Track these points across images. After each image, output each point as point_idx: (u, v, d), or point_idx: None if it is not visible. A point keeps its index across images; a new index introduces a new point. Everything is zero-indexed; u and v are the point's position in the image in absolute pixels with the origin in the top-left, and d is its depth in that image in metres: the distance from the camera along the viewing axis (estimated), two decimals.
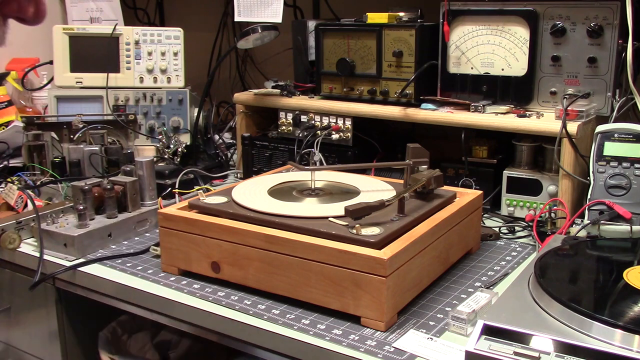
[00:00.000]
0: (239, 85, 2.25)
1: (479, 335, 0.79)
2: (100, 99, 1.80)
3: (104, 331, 1.43)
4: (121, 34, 1.83)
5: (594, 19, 1.32)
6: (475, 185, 1.43)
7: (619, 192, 1.19)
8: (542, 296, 0.85)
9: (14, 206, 1.37)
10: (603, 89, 1.35)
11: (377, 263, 0.91)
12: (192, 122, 1.83)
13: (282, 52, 2.02)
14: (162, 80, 1.84)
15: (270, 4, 1.69)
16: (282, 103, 1.64)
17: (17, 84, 2.04)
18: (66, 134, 1.65)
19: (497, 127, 1.36)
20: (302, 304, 1.00)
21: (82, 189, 1.28)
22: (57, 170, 1.52)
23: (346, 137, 1.55)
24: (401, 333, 0.93)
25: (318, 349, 0.90)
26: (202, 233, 1.08)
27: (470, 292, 1.05)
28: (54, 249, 1.24)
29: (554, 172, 1.35)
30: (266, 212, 1.07)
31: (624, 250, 1.07)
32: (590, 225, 1.14)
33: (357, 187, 1.22)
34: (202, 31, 2.21)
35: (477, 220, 1.24)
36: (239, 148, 1.75)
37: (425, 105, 1.47)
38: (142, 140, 1.77)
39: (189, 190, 1.46)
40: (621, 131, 1.23)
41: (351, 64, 1.55)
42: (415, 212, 1.08)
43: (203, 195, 1.16)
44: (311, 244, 0.96)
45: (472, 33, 1.45)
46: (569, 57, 1.37)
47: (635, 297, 0.84)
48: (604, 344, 0.74)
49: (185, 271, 1.13)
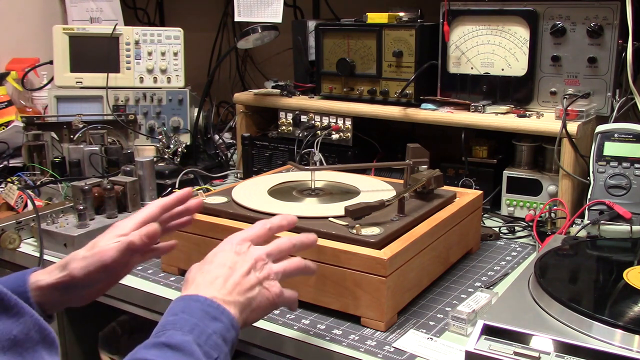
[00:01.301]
0: (239, 85, 2.25)
1: (479, 335, 0.79)
2: (100, 99, 1.79)
3: (104, 331, 1.43)
4: (121, 34, 1.83)
5: (594, 19, 1.32)
6: (475, 185, 1.43)
7: (619, 192, 1.19)
8: (542, 296, 0.85)
9: (14, 206, 1.37)
10: (603, 89, 1.35)
11: (377, 263, 0.91)
12: (192, 122, 1.83)
13: (282, 52, 2.02)
14: (162, 80, 1.84)
15: (270, 4, 1.69)
16: (282, 103, 1.64)
17: (17, 84, 2.04)
18: (66, 134, 1.65)
19: (497, 127, 1.36)
20: (302, 304, 0.99)
21: (82, 189, 1.28)
22: (57, 170, 1.52)
23: (346, 137, 1.55)
24: (401, 333, 0.93)
25: (318, 349, 0.90)
26: (202, 233, 1.08)
27: (470, 292, 1.05)
28: (54, 249, 1.24)
29: (554, 172, 1.35)
30: (266, 212, 1.07)
31: (624, 250, 1.07)
32: (590, 225, 1.14)
33: (357, 187, 1.22)
34: (202, 31, 2.21)
35: (477, 220, 1.24)
36: (239, 148, 1.75)
37: (425, 105, 1.47)
38: (142, 140, 1.77)
39: None
40: (621, 131, 1.23)
41: (351, 64, 1.54)
42: (415, 212, 1.08)
43: (203, 195, 1.16)
44: None
45: (472, 33, 1.45)
46: (569, 57, 1.37)
47: (635, 297, 0.84)
48: (604, 344, 0.74)
49: (185, 271, 1.12)
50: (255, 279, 0.78)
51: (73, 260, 0.83)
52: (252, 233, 0.84)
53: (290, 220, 0.89)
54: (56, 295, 0.83)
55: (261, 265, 0.80)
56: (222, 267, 0.78)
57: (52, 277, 0.83)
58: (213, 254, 0.82)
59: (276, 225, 0.87)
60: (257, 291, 0.78)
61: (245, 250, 0.81)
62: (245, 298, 0.76)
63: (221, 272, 0.78)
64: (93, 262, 0.82)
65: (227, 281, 0.77)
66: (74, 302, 0.87)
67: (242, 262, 0.79)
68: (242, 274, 0.78)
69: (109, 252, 0.82)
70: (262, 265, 0.80)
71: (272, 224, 0.86)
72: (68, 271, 0.82)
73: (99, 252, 0.83)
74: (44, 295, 0.83)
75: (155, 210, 0.90)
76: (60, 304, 0.86)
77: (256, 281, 0.78)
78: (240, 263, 0.79)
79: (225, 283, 0.76)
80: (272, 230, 0.86)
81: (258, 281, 0.79)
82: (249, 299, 0.77)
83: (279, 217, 0.88)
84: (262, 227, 0.85)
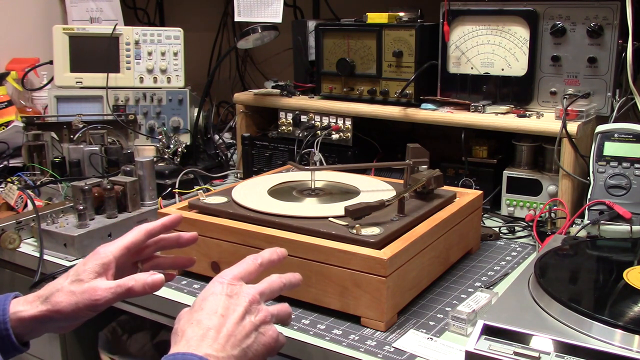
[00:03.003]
0: (239, 85, 2.25)
1: (479, 335, 0.79)
2: (100, 99, 1.79)
3: (104, 331, 1.43)
4: (121, 34, 1.83)
5: (594, 19, 1.32)
6: (475, 185, 1.43)
7: (619, 192, 1.19)
8: (542, 296, 0.85)
9: (14, 206, 1.37)
10: (603, 89, 1.35)
11: (377, 263, 0.91)
12: (192, 122, 1.83)
13: (282, 52, 2.02)
14: (162, 80, 1.84)
15: (270, 4, 1.69)
16: (282, 103, 1.64)
17: (17, 84, 2.04)
18: (66, 134, 1.65)
19: (497, 127, 1.36)
20: (302, 304, 1.00)
21: (82, 189, 1.28)
22: (57, 170, 1.52)
23: (346, 137, 1.55)
24: (401, 333, 0.93)
25: (318, 349, 0.90)
26: (202, 233, 1.08)
27: (470, 292, 1.05)
28: (54, 249, 1.24)
29: (554, 172, 1.35)
30: (266, 212, 1.07)
31: (624, 250, 1.07)
32: (590, 225, 1.14)
33: (357, 187, 1.22)
34: (202, 31, 2.21)
35: (477, 220, 1.24)
36: (239, 148, 1.75)
37: (425, 105, 1.47)
38: (142, 140, 1.77)
39: (189, 190, 1.46)
40: (621, 131, 1.23)
41: (351, 64, 1.54)
42: (415, 212, 1.08)
43: (203, 195, 1.16)
44: (311, 244, 0.97)
45: (472, 33, 1.45)
46: (569, 57, 1.37)
47: (635, 297, 0.84)
48: (604, 344, 0.74)
49: (185, 271, 1.13)
50: (250, 325, 0.74)
51: (58, 293, 0.80)
52: (242, 270, 0.79)
53: (280, 253, 0.85)
54: (36, 325, 0.81)
55: (256, 308, 0.75)
56: (213, 315, 0.73)
57: (34, 308, 0.80)
58: (202, 298, 0.76)
59: (267, 260, 0.82)
60: (252, 338, 0.74)
61: (237, 292, 0.76)
62: (240, 350, 0.72)
63: (212, 322, 0.72)
64: (83, 300, 0.79)
65: (219, 333, 0.72)
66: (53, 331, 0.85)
67: (234, 305, 0.74)
68: (235, 321, 0.73)
69: (104, 293, 0.79)
70: (256, 307, 0.75)
71: (263, 259, 0.82)
72: (52, 305, 0.80)
73: (91, 291, 0.80)
74: (23, 326, 0.81)
75: (140, 236, 0.87)
76: (38, 333, 0.84)
77: (251, 327, 0.74)
78: (232, 308, 0.74)
79: (218, 335, 0.71)
80: (262, 265, 0.82)
81: (254, 327, 0.74)
82: (244, 350, 0.72)
83: (269, 251, 0.84)
84: (252, 262, 0.81)
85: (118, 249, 0.84)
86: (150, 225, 0.90)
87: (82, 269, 0.82)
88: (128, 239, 0.86)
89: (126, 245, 0.86)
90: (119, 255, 0.84)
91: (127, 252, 0.86)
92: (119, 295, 0.80)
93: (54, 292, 0.81)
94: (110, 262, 0.83)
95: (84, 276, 0.81)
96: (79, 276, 0.81)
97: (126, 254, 0.86)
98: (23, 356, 1.42)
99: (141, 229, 0.88)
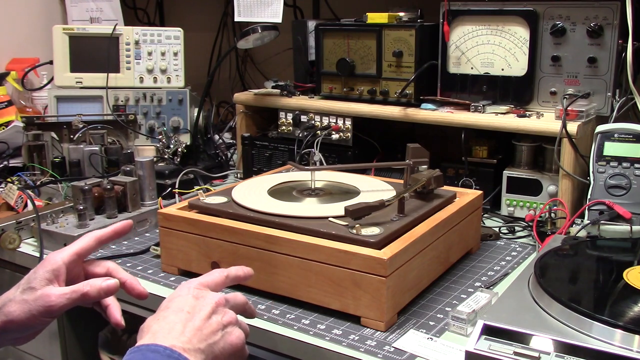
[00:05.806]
0: (239, 85, 2.25)
1: (479, 335, 0.79)
2: (100, 99, 1.80)
3: (104, 331, 1.43)
4: (121, 34, 1.83)
5: (594, 19, 1.32)
6: (475, 185, 1.43)
7: (619, 192, 1.19)
8: (542, 296, 0.85)
9: (14, 206, 1.37)
10: (603, 89, 1.35)
11: (377, 263, 0.91)
12: (192, 122, 1.83)
13: (282, 52, 2.02)
14: (162, 80, 1.84)
15: (270, 4, 1.69)
16: (282, 103, 1.64)
17: (17, 84, 2.04)
18: (66, 134, 1.65)
19: (497, 127, 1.36)
20: (302, 304, 1.00)
21: (82, 189, 1.28)
22: (57, 170, 1.52)
23: (346, 137, 1.55)
24: (401, 333, 0.93)
25: (318, 349, 0.90)
26: (202, 233, 1.08)
27: (470, 292, 1.05)
28: (54, 249, 1.23)
29: (554, 172, 1.35)
30: (266, 212, 1.07)
31: (624, 250, 1.07)
32: (590, 225, 1.14)
33: (357, 187, 1.22)
34: (202, 31, 2.21)
35: (477, 220, 1.24)
36: (239, 148, 1.75)
37: (425, 105, 1.47)
38: (142, 140, 1.77)
39: (189, 190, 1.46)
40: (621, 131, 1.23)
41: (351, 64, 1.54)
42: (415, 212, 1.08)
43: (203, 195, 1.16)
44: (311, 244, 0.97)
45: (472, 33, 1.45)
46: (569, 57, 1.37)
47: (635, 297, 0.84)
48: (604, 344, 0.74)
49: (185, 271, 1.13)
50: (217, 324, 0.74)
51: (10, 303, 0.80)
52: (209, 279, 0.81)
53: (247, 272, 0.86)
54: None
55: (222, 310, 0.76)
56: (179, 312, 0.73)
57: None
58: (169, 299, 0.76)
59: (233, 275, 0.84)
60: (219, 336, 0.73)
61: (204, 295, 0.77)
62: (207, 344, 0.72)
63: (179, 317, 0.72)
64: (37, 307, 0.79)
65: (186, 327, 0.72)
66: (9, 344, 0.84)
67: (201, 305, 0.75)
68: (202, 318, 0.73)
69: (58, 299, 0.80)
70: (222, 309, 0.76)
71: (230, 273, 0.84)
72: (4, 316, 0.79)
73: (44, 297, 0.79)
74: None
75: (91, 242, 0.88)
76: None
77: (218, 326, 0.74)
78: (199, 307, 0.74)
79: (185, 329, 0.71)
80: (228, 278, 0.83)
81: (221, 326, 0.74)
82: (210, 345, 0.72)
83: (236, 268, 0.86)
84: (219, 274, 0.82)
85: (68, 255, 0.85)
86: (101, 232, 0.90)
87: (32, 276, 0.82)
88: (78, 245, 0.87)
89: (76, 252, 0.86)
90: (69, 261, 0.85)
91: (77, 258, 0.87)
92: (73, 300, 0.80)
93: (6, 302, 0.81)
94: (60, 268, 0.83)
95: (35, 284, 0.81)
96: (30, 284, 0.81)
97: (76, 260, 0.87)
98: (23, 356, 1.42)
99: (92, 236, 0.89)
